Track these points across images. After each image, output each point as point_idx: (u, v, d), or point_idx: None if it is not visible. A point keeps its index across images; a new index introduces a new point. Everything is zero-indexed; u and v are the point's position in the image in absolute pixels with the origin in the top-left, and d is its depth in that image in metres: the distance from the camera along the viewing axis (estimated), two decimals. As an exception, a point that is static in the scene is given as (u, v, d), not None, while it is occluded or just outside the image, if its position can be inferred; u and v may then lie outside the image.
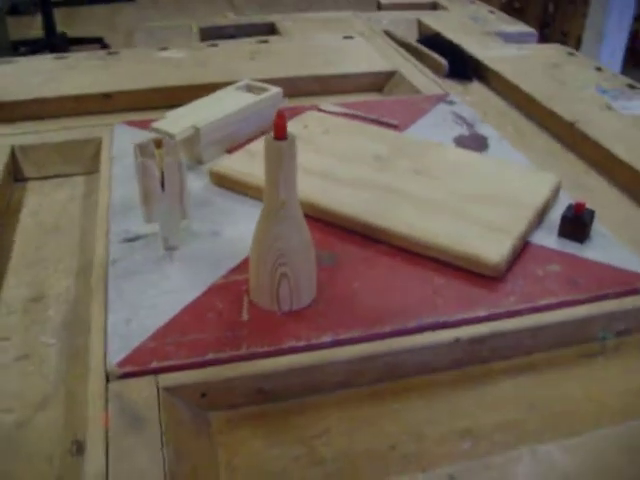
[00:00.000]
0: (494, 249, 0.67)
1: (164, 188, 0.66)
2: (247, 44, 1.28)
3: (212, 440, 0.54)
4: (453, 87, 1.17)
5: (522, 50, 1.30)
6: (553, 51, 1.30)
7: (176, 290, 0.64)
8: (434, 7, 1.59)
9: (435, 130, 0.95)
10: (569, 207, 0.72)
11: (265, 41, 1.28)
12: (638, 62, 3.03)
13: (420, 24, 1.46)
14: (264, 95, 0.92)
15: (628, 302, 0.64)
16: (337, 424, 0.56)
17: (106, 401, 0.53)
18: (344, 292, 0.64)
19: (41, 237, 0.80)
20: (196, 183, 0.82)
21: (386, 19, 1.47)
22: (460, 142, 0.92)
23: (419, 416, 0.57)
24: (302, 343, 0.58)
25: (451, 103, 1.04)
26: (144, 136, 0.91)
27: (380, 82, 1.19)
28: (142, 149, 0.68)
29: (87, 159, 0.95)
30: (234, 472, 0.52)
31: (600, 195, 0.86)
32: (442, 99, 1.05)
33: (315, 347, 0.58)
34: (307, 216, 0.62)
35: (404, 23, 1.46)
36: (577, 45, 2.83)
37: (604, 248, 0.71)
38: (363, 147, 0.86)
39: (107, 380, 0.55)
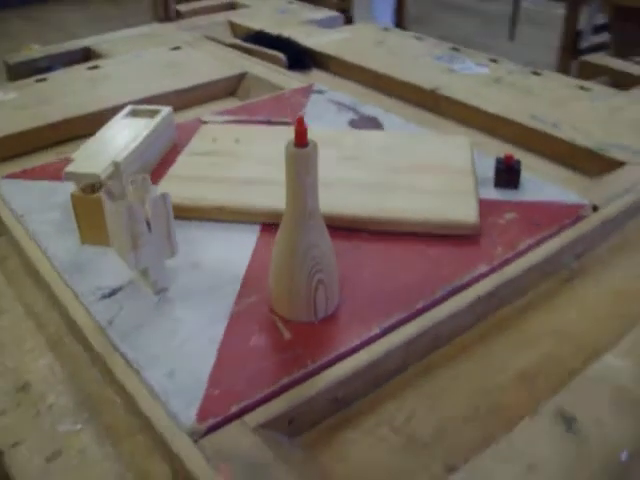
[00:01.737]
0: (466, 210, 0.72)
1: (150, 228, 0.61)
2: (78, 72, 1.18)
3: (318, 461, 0.53)
4: (298, 78, 1.20)
5: (342, 33, 1.38)
6: (369, 29, 1.40)
7: (198, 330, 0.60)
8: (232, 7, 1.60)
9: (326, 119, 0.98)
10: (499, 160, 0.81)
11: (96, 66, 1.19)
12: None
13: (232, 24, 1.46)
14: (161, 116, 0.87)
15: (581, 227, 0.74)
16: (417, 404, 0.58)
17: (208, 460, 0.49)
18: (358, 285, 0.65)
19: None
20: (133, 221, 0.76)
21: (197, 25, 1.44)
22: (356, 126, 0.96)
23: (478, 371, 0.61)
24: (357, 341, 0.59)
25: (321, 92, 1.08)
26: (38, 187, 0.82)
27: (232, 86, 1.18)
28: (108, 194, 0.62)
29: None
30: (351, 483, 0.52)
31: (490, 147, 0.96)
32: (311, 90, 1.08)
33: (370, 341, 0.59)
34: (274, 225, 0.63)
35: (216, 26, 1.45)
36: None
37: (537, 189, 0.80)
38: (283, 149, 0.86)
39: (195, 440, 0.50)
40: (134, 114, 0.90)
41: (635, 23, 1.97)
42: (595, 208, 0.77)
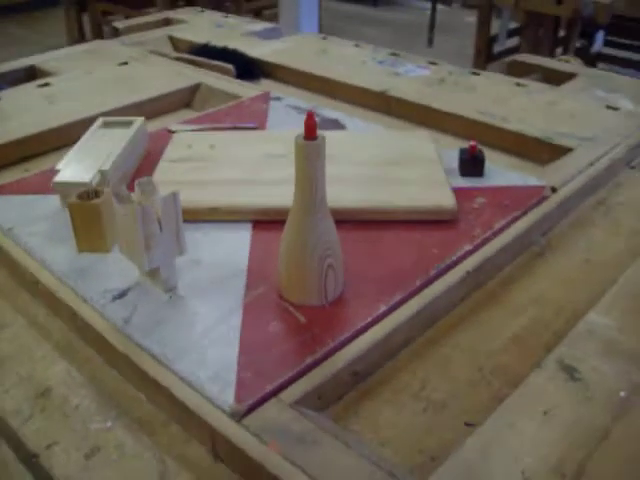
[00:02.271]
0: (444, 197, 0.78)
1: (161, 228, 0.63)
2: (29, 90, 1.17)
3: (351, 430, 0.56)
4: (252, 87, 1.23)
5: (285, 43, 1.42)
6: (310, 39, 1.45)
7: (216, 321, 0.62)
8: (168, 23, 1.62)
9: (290, 123, 1.02)
10: (463, 151, 0.87)
11: (46, 84, 1.18)
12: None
13: (173, 39, 1.48)
14: (136, 126, 0.89)
15: (545, 207, 0.82)
16: (428, 372, 0.62)
17: (255, 435, 0.52)
18: (357, 270, 0.69)
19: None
20: (125, 227, 0.77)
21: (138, 41, 1.45)
22: (320, 128, 1.00)
23: (476, 338, 0.66)
24: (369, 319, 0.63)
25: (279, 99, 1.12)
26: (17, 202, 0.82)
27: (186, 98, 1.20)
28: (117, 197, 0.63)
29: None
30: (385, 447, 0.56)
31: (443, 143, 1.03)
32: (268, 97, 1.12)
33: (379, 318, 0.64)
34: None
35: (157, 41, 1.46)
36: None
37: (499, 176, 0.87)
38: (259, 151, 0.89)
39: (237, 420, 0.53)
40: (106, 125, 0.91)
41: (546, 28, 2.12)
42: (554, 189, 0.85)
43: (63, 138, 1.04)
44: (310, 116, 0.58)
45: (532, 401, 0.56)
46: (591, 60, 2.15)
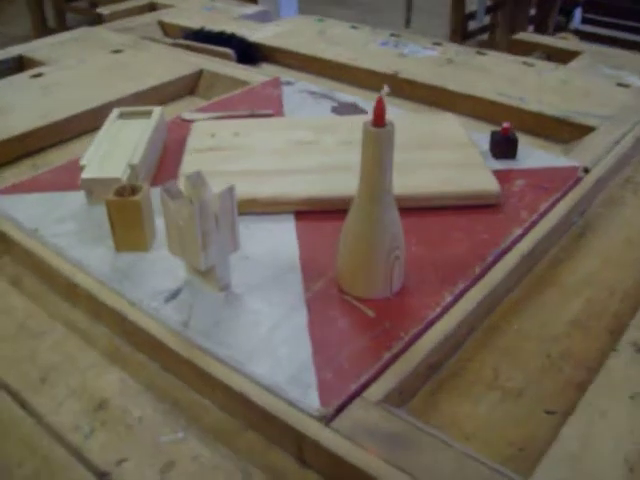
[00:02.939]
0: (487, 181, 0.77)
1: (217, 224, 0.60)
2: (23, 81, 1.10)
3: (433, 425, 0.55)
4: (259, 72, 1.19)
5: (281, 26, 1.38)
6: (306, 21, 1.41)
7: (280, 319, 0.60)
8: (153, 8, 1.55)
9: (309, 109, 0.99)
10: (495, 133, 0.86)
11: (39, 74, 1.12)
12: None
13: (163, 24, 1.43)
14: (156, 116, 0.85)
15: (582, 187, 0.81)
16: (497, 361, 0.61)
17: (347, 438, 0.50)
18: (412, 259, 0.67)
19: (25, 344, 0.64)
20: (158, 221, 0.73)
21: (127, 27, 1.39)
22: (340, 112, 0.98)
23: (536, 323, 0.65)
24: (438, 310, 0.61)
25: (291, 84, 1.08)
26: (36, 200, 0.78)
27: (190, 85, 1.15)
28: (169, 193, 0.60)
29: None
30: (470, 441, 0.54)
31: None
32: (279, 82, 1.09)
33: (447, 308, 0.62)
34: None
35: (146, 27, 1.40)
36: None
37: (530, 157, 0.86)
38: (285, 138, 0.86)
39: (326, 423, 0.51)
40: (123, 116, 0.86)
41: (524, 3, 2.12)
42: (586, 170, 0.84)
43: (68, 131, 0.99)
44: (379, 102, 0.55)
45: (616, 387, 0.55)
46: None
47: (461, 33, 2.53)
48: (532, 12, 2.54)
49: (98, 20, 1.49)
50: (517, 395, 0.58)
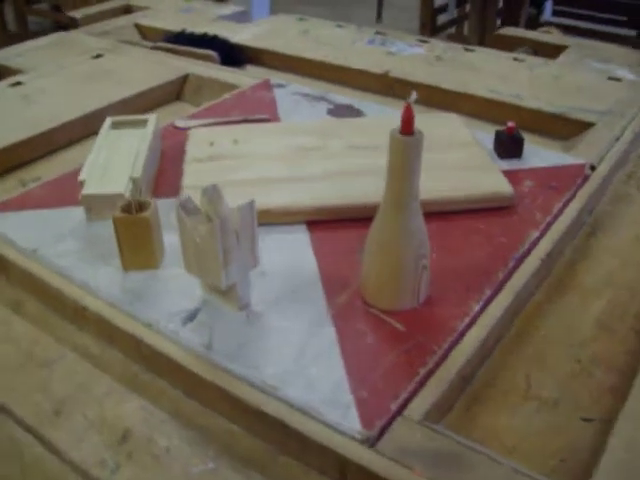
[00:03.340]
0: (499, 183, 0.75)
1: (238, 240, 0.57)
2: (2, 91, 1.05)
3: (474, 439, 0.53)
4: (246, 74, 1.16)
5: (261, 26, 1.35)
6: (287, 20, 1.39)
7: (307, 337, 0.57)
8: (128, 10, 1.51)
9: (305, 112, 0.97)
10: (500, 132, 0.84)
11: (18, 83, 1.07)
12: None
13: (140, 27, 1.38)
14: (152, 125, 0.81)
15: (590, 185, 0.80)
16: (528, 369, 0.60)
17: (394, 461, 0.48)
18: (434, 267, 0.65)
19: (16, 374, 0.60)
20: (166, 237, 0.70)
21: (104, 30, 1.35)
22: (337, 115, 0.96)
23: (561, 327, 0.64)
24: (468, 319, 0.60)
25: (282, 86, 1.05)
26: (30, 219, 0.74)
27: (176, 89, 1.12)
28: (185, 209, 0.57)
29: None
30: (513, 454, 0.53)
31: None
32: (270, 85, 1.06)
33: (476, 317, 0.60)
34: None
35: (123, 30, 1.36)
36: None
37: (535, 156, 0.85)
38: (286, 144, 0.84)
39: (371, 445, 0.49)
40: (117, 126, 0.83)
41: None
42: (593, 167, 0.84)
43: (55, 142, 0.95)
44: (408, 109, 0.53)
45: (656, 391, 0.54)
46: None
47: (430, 27, 2.52)
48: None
49: (65, 23, 1.44)
50: (553, 404, 0.57)
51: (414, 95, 0.53)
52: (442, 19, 2.79)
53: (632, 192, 0.86)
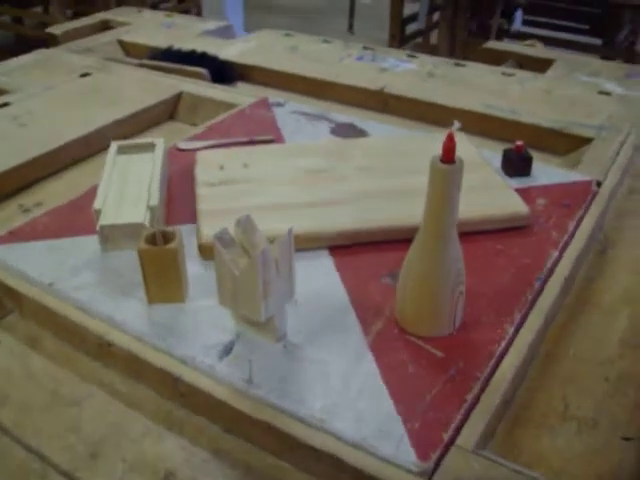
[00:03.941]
0: (514, 203, 0.76)
1: (278, 271, 0.56)
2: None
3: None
4: (243, 93, 1.15)
5: (249, 42, 1.34)
6: (273, 36, 1.38)
7: (349, 367, 0.57)
8: (108, 26, 1.47)
9: (305, 131, 0.96)
10: (508, 151, 0.85)
11: (6, 104, 1.04)
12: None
13: (124, 44, 1.36)
14: (161, 150, 0.80)
15: (599, 202, 0.82)
16: (563, 389, 0.60)
17: (455, 495, 0.47)
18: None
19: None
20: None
21: (87, 47, 1.32)
22: (340, 134, 0.96)
23: (588, 345, 0.65)
24: (504, 342, 0.60)
25: (281, 105, 1.05)
26: (39, 250, 0.72)
27: (169, 110, 1.10)
28: (221, 242, 0.56)
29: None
30: (561, 477, 0.53)
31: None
32: (268, 104, 1.05)
33: (513, 339, 0.61)
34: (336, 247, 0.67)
35: (106, 47, 1.33)
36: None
37: (543, 174, 0.86)
38: (296, 166, 0.83)
39: (429, 478, 0.48)
40: (123, 151, 0.81)
41: (464, 6, 2.15)
42: (599, 183, 0.85)
43: (52, 165, 0.92)
44: (450, 138, 0.53)
45: (695, 409, 0.55)
46: (513, 38, 2.22)
47: (399, 38, 2.54)
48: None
49: (31, 36, 1.40)
50: (593, 424, 0.57)
51: (457, 124, 0.53)
52: (410, 28, 2.82)
53: (637, 207, 0.88)
